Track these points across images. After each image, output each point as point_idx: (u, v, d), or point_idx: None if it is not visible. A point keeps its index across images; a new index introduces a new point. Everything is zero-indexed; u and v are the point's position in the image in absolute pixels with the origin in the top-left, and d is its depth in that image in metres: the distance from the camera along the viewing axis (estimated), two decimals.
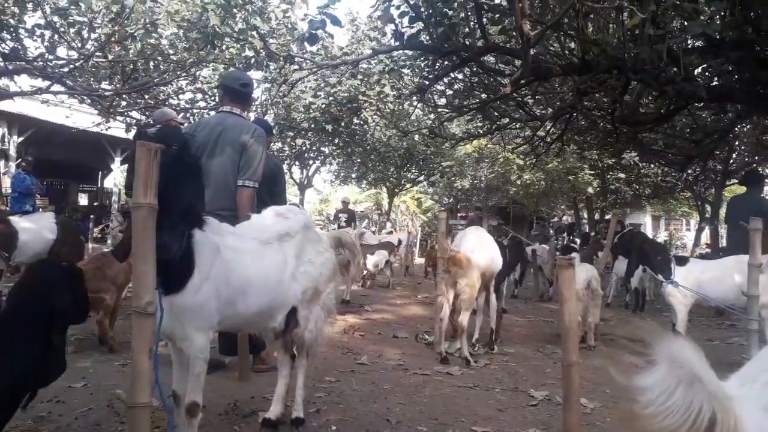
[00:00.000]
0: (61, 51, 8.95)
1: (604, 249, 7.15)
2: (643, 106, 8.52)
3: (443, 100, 9.52)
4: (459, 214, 24.20)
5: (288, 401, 3.20)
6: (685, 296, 4.90)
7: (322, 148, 19.92)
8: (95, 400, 3.39)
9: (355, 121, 15.88)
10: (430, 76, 7.30)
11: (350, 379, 4.17)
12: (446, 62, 6.77)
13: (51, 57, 8.50)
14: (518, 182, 18.37)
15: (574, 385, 2.50)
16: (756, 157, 16.87)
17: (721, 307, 4.85)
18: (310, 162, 21.78)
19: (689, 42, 6.57)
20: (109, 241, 12.35)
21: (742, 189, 7.01)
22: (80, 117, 13.71)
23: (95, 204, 23.11)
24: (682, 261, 5.24)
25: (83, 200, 25.69)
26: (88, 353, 4.45)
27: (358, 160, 21.31)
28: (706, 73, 7.49)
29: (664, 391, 1.11)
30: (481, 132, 10.91)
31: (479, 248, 5.05)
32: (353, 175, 25.16)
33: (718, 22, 5.16)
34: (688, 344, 1.13)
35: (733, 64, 6.53)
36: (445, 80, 8.45)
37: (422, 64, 8.52)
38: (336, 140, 17.44)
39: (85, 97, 10.03)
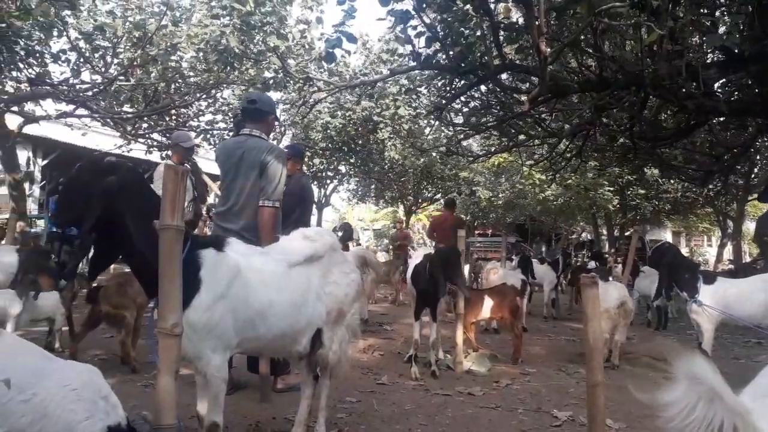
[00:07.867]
0: (85, 75, 9.17)
1: (625, 266, 7.05)
2: (662, 122, 8.46)
3: (460, 118, 9.53)
4: (477, 232, 24.03)
5: (310, 422, 3.19)
6: (711, 315, 4.80)
7: (339, 167, 20.03)
8: None
9: (372, 140, 15.98)
10: (447, 95, 7.32)
11: (371, 400, 4.15)
12: (463, 81, 6.79)
13: (76, 81, 8.70)
14: (537, 198, 18.21)
15: (599, 405, 2.47)
16: None
17: (749, 325, 4.74)
18: (327, 181, 21.88)
19: (708, 56, 6.53)
20: None
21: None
22: (103, 140, 13.96)
23: None
24: (709, 279, 5.12)
25: None
26: (110, 373, 4.45)
27: (375, 179, 21.40)
28: (726, 88, 7.44)
29: (686, 406, 1.18)
30: (498, 149, 10.90)
31: None
32: (371, 194, 25.26)
33: (737, 36, 5.12)
34: (706, 362, 1.19)
35: (753, 78, 6.46)
36: (462, 98, 8.47)
37: (439, 84, 8.55)
38: (353, 159, 17.53)
39: (108, 120, 10.23)
